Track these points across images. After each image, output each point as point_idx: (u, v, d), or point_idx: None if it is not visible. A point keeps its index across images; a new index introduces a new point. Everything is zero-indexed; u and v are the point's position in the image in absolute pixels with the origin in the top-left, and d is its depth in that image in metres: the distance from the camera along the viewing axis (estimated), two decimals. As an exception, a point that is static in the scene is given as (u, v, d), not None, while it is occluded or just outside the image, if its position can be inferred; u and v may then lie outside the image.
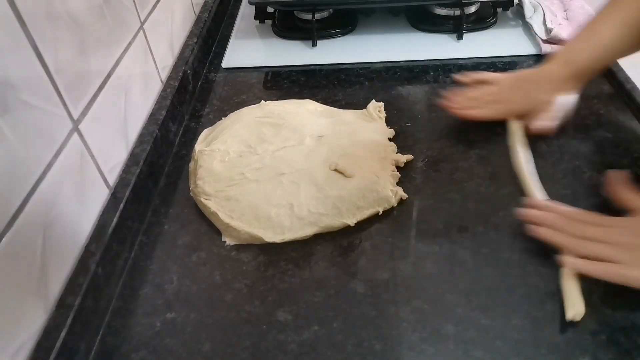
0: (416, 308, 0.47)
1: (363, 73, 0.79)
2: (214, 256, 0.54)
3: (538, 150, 0.63)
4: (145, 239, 0.56)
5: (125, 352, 0.46)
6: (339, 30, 0.87)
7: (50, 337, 0.43)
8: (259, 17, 0.91)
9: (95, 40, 0.54)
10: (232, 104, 0.74)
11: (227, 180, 0.58)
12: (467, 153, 0.63)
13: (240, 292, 0.50)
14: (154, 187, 0.61)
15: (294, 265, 0.52)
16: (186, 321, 0.48)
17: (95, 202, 0.53)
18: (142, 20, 0.66)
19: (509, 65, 0.78)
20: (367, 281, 0.50)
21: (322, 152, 0.60)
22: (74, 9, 0.50)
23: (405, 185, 0.59)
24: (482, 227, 0.54)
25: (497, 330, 0.45)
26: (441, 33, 0.86)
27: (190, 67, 0.76)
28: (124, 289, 0.51)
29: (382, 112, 0.69)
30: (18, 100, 0.41)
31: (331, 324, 0.47)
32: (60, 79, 0.47)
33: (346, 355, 0.44)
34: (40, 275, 0.44)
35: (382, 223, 0.56)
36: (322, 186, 0.56)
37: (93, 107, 0.53)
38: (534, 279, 0.49)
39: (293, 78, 0.79)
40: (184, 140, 0.69)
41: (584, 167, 0.60)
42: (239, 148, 0.61)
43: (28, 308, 0.42)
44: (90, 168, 0.52)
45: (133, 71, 0.63)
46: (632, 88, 0.70)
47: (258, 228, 0.54)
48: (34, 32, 0.43)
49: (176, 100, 0.70)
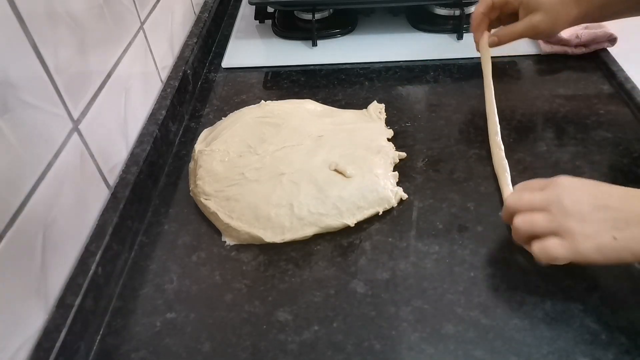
0: (416, 308, 0.47)
1: (363, 73, 0.79)
2: (214, 256, 0.54)
3: (538, 150, 0.63)
4: (145, 239, 0.56)
5: (125, 352, 0.46)
6: (339, 30, 0.87)
7: (50, 337, 0.43)
8: (259, 17, 0.91)
9: (95, 40, 0.54)
10: (232, 104, 0.74)
11: (227, 180, 0.58)
12: (467, 153, 0.63)
13: (240, 292, 0.50)
14: (154, 187, 0.61)
15: (294, 265, 0.52)
16: (186, 321, 0.48)
17: (95, 202, 0.53)
18: (142, 20, 0.66)
19: (509, 65, 0.78)
20: (367, 281, 0.50)
21: (322, 152, 0.60)
22: (74, 9, 0.50)
23: (405, 185, 0.59)
24: (482, 227, 0.54)
25: (497, 330, 0.45)
26: (441, 33, 0.86)
27: (190, 67, 0.76)
28: (124, 289, 0.51)
29: (383, 113, 0.69)
30: (18, 100, 0.41)
31: (331, 324, 0.47)
32: (60, 79, 0.47)
33: (346, 355, 0.44)
34: (40, 275, 0.44)
35: (382, 223, 0.56)
36: (322, 186, 0.56)
37: (93, 107, 0.53)
38: (534, 279, 0.49)
39: (293, 78, 0.79)
40: (184, 140, 0.69)
41: (584, 167, 0.60)
42: (238, 148, 0.61)
43: (28, 308, 0.42)
44: (90, 168, 0.52)
45: (133, 71, 0.63)
46: (632, 88, 0.70)
47: (258, 228, 0.54)
48: (34, 32, 0.43)
49: (176, 100, 0.70)
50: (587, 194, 0.45)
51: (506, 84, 0.74)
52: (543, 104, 0.70)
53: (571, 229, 0.44)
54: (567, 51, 0.78)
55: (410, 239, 0.54)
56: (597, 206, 0.44)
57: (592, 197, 0.45)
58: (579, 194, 0.45)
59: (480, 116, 0.68)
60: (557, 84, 0.74)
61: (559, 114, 0.68)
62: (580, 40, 0.77)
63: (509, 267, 0.50)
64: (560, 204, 0.45)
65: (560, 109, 0.69)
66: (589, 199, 0.44)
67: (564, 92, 0.72)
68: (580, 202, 0.44)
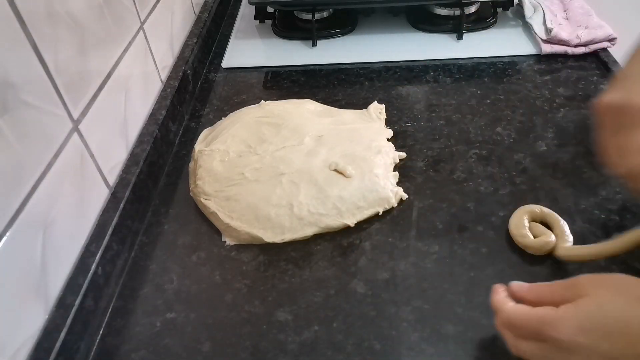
0: (416, 308, 0.47)
1: (363, 73, 0.79)
2: (214, 256, 0.54)
3: (538, 150, 0.63)
4: (145, 239, 0.56)
5: (125, 352, 0.46)
6: (339, 30, 0.87)
7: (50, 337, 0.43)
8: (259, 17, 0.91)
9: (95, 40, 0.54)
10: (232, 104, 0.74)
11: (227, 180, 0.58)
12: (467, 153, 0.63)
13: (240, 292, 0.50)
14: (154, 187, 0.61)
15: (294, 265, 0.52)
16: (186, 321, 0.48)
17: (95, 202, 0.53)
18: (142, 20, 0.66)
19: (509, 65, 0.78)
20: (367, 281, 0.50)
21: (322, 152, 0.60)
22: (74, 9, 0.50)
23: (405, 185, 0.59)
24: (482, 227, 0.54)
25: (497, 331, 0.45)
26: (441, 33, 0.86)
27: (190, 67, 0.76)
28: (124, 289, 0.51)
29: (383, 113, 0.69)
30: (18, 100, 0.41)
31: (331, 324, 0.47)
32: (60, 79, 0.47)
33: (346, 355, 0.44)
34: (40, 275, 0.44)
35: (382, 223, 0.56)
36: (322, 186, 0.56)
37: (93, 107, 0.53)
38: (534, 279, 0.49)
39: (293, 78, 0.79)
40: (184, 140, 0.69)
41: (584, 167, 0.60)
42: (238, 148, 0.61)
43: (28, 308, 0.42)
44: (90, 168, 0.52)
45: (133, 71, 0.63)
46: (632, 88, 0.70)
47: (258, 228, 0.54)
48: (34, 32, 0.43)
49: (176, 100, 0.70)
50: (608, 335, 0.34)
51: (506, 84, 0.75)
52: (543, 104, 0.70)
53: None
54: (567, 51, 0.78)
55: (410, 239, 0.54)
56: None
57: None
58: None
59: (481, 116, 0.69)
60: (557, 84, 0.74)
61: (559, 114, 0.68)
62: (580, 40, 0.77)
63: (509, 267, 0.50)
64: (565, 348, 0.35)
65: (560, 109, 0.69)
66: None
67: (564, 92, 0.72)
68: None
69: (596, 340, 0.34)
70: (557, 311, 0.36)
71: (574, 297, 0.36)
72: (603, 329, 0.34)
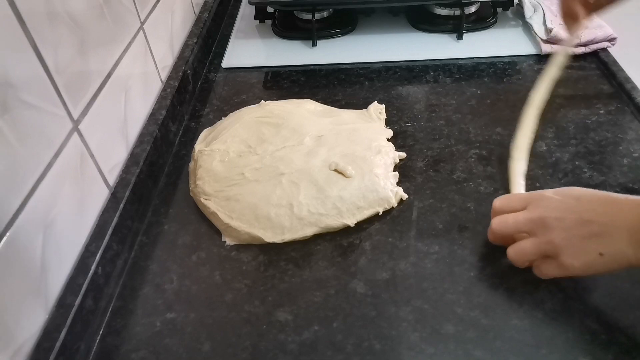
0: (416, 308, 0.47)
1: (363, 73, 0.79)
2: (214, 256, 0.54)
3: (538, 150, 0.63)
4: (145, 239, 0.56)
5: (125, 352, 0.46)
6: (339, 30, 0.87)
7: (50, 337, 0.43)
8: (259, 17, 0.91)
9: (95, 40, 0.54)
10: (232, 104, 0.74)
11: (227, 180, 0.58)
12: (467, 153, 0.63)
13: (240, 292, 0.50)
14: (154, 187, 0.61)
15: (294, 265, 0.52)
16: (186, 321, 0.48)
17: (95, 202, 0.53)
18: (142, 20, 0.66)
19: (509, 65, 0.78)
20: (367, 281, 0.50)
21: (322, 152, 0.60)
22: (74, 9, 0.50)
23: (405, 185, 0.59)
24: (482, 227, 0.54)
25: (497, 330, 0.45)
26: (441, 33, 0.86)
27: (190, 67, 0.76)
28: (124, 289, 0.51)
29: (383, 113, 0.69)
30: (18, 100, 0.41)
31: (331, 324, 0.47)
32: (60, 79, 0.47)
33: (346, 355, 0.44)
34: (40, 275, 0.44)
35: (382, 223, 0.56)
36: (322, 186, 0.56)
37: (93, 107, 0.53)
38: (534, 279, 0.49)
39: (293, 78, 0.79)
40: (184, 140, 0.69)
41: (584, 167, 0.60)
42: (238, 148, 0.61)
43: (28, 308, 0.42)
44: (90, 168, 0.52)
45: (133, 71, 0.63)
46: (632, 88, 0.70)
47: (258, 228, 0.54)
48: (34, 32, 0.43)
49: (176, 100, 0.70)
50: (569, 211, 0.45)
51: (506, 84, 0.74)
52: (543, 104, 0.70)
53: (558, 250, 0.45)
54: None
55: (410, 239, 0.54)
56: (581, 222, 0.44)
57: (575, 213, 0.45)
58: (561, 211, 0.45)
59: (481, 116, 0.69)
60: (557, 84, 0.74)
61: (559, 114, 0.68)
62: (580, 40, 0.77)
63: (509, 267, 0.50)
64: (544, 226, 0.46)
65: (560, 109, 0.69)
66: (572, 216, 0.45)
67: (564, 92, 0.72)
68: (564, 219, 0.45)
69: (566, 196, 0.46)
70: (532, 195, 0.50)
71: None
72: (570, 192, 0.47)
